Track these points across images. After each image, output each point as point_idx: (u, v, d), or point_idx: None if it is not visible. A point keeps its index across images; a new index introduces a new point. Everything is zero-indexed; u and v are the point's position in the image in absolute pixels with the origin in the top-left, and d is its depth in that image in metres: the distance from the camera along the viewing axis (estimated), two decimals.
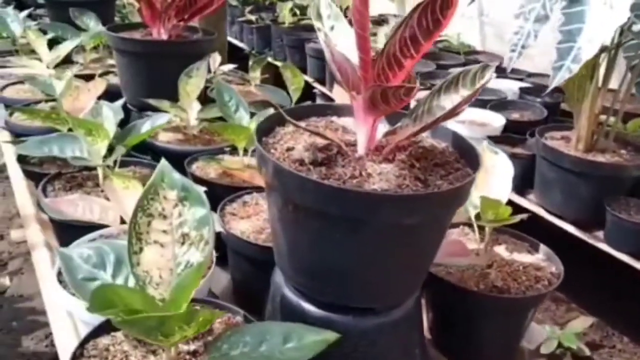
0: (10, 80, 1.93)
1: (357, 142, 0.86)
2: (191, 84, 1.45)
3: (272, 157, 0.80)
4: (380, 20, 3.36)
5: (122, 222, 0.95)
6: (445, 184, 0.79)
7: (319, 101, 2.95)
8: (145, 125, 1.18)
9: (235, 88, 1.95)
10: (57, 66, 1.79)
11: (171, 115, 1.20)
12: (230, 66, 2.09)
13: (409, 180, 0.77)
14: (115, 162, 1.13)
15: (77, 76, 1.87)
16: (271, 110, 1.37)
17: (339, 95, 1.40)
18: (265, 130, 0.90)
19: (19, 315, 1.68)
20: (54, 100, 1.59)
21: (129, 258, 0.72)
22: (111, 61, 2.21)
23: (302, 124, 0.94)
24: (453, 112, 0.81)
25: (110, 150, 1.14)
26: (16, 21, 2.17)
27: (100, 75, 1.90)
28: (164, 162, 0.77)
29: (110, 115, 1.16)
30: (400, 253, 0.79)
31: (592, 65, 1.62)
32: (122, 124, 1.24)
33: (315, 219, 0.77)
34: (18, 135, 1.50)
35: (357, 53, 0.82)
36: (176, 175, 0.78)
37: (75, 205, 0.89)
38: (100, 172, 1.11)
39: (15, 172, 1.46)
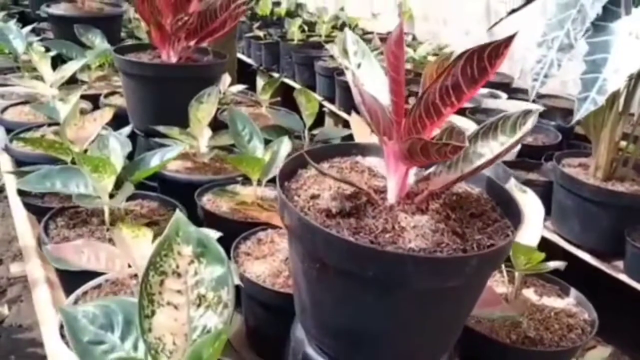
0: (12, 100, 1.87)
1: (386, 188, 0.80)
2: (202, 110, 1.39)
3: (296, 209, 0.74)
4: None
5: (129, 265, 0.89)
6: (485, 239, 0.73)
7: (327, 120, 2.89)
8: (155, 159, 1.11)
9: (246, 110, 1.91)
10: (61, 85, 1.73)
11: (182, 146, 1.14)
12: (240, 87, 2.03)
13: (446, 237, 0.71)
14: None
15: (82, 96, 1.81)
16: (286, 139, 1.31)
17: (357, 125, 1.34)
18: (287, 173, 0.83)
19: (17, 347, 1.61)
20: (57, 124, 1.53)
21: (140, 322, 0.65)
22: (117, 79, 2.16)
23: (326, 165, 0.88)
24: (492, 162, 0.75)
25: (117, 184, 1.08)
26: (19, 37, 2.11)
27: (106, 96, 1.85)
28: (179, 215, 0.71)
29: (118, 147, 1.10)
30: (437, 315, 0.73)
31: (612, 93, 1.57)
32: (130, 155, 1.18)
33: (344, 279, 0.71)
34: (19, 162, 1.43)
35: (389, 96, 0.76)
36: (192, 228, 0.72)
37: (80, 253, 0.83)
38: (106, 211, 1.05)
39: (14, 201, 1.40)
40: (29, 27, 2.46)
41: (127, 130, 1.33)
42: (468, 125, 2.19)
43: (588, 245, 1.72)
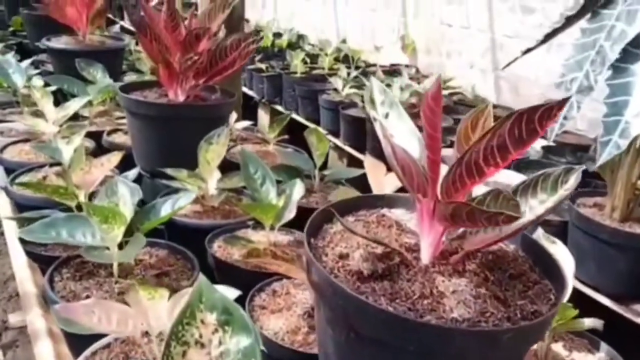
0: (11, 136, 1.83)
1: (419, 246, 0.75)
2: (212, 152, 1.34)
3: (326, 270, 0.69)
4: (392, 71, 3.30)
5: None
6: (528, 304, 0.68)
7: (332, 154, 2.85)
8: (166, 207, 1.06)
9: (252, 148, 1.87)
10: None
11: (194, 193, 1.09)
12: (246, 123, 1.99)
13: (489, 303, 0.66)
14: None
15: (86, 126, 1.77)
16: (298, 182, 1.26)
17: (371, 167, 1.30)
18: (313, 230, 0.79)
19: None
20: (59, 164, 1.48)
21: None
22: (118, 114, 2.12)
23: (352, 218, 0.84)
24: (533, 222, 0.70)
25: (126, 232, 1.02)
26: (18, 71, 2.07)
27: (109, 134, 1.80)
28: (203, 280, 0.66)
29: (127, 194, 1.05)
30: None
31: None
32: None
33: (378, 348, 0.65)
34: (20, 205, 1.38)
35: (424, 152, 0.72)
36: (216, 294, 0.66)
37: (91, 313, 0.77)
38: (115, 263, 0.99)
39: (13, 244, 1.35)
40: (28, 61, 2.43)
41: (134, 173, 1.28)
42: (516, 180, 2.15)
43: (605, 288, 1.67)
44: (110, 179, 1.23)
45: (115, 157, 1.17)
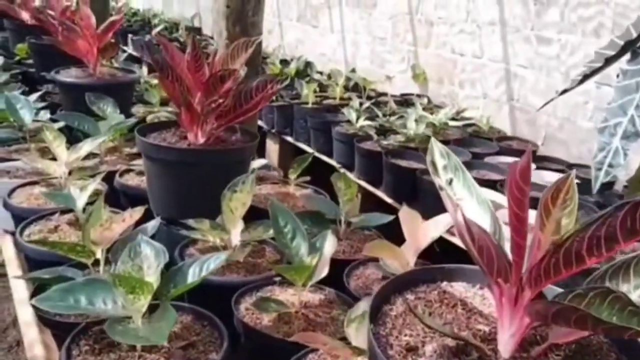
0: (18, 176, 1.74)
1: (493, 334, 0.66)
2: (236, 200, 1.26)
3: None
4: (404, 101, 3.24)
5: None
6: None
7: None
8: (193, 272, 0.97)
9: (272, 189, 1.79)
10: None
11: (225, 255, 1.00)
12: (262, 161, 1.91)
13: None
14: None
15: (95, 174, 1.69)
16: (329, 235, 1.18)
17: (407, 217, 1.22)
18: (373, 313, 0.70)
19: None
20: (71, 210, 1.40)
21: None
22: (129, 150, 2.04)
23: (411, 297, 0.75)
24: None
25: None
26: (26, 107, 1.99)
27: (122, 175, 1.72)
28: None
29: (152, 257, 0.96)
30: None
31: None
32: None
33: None
34: (31, 261, 1.29)
35: (498, 225, 0.64)
36: None
37: None
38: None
39: (18, 291, 1.25)
40: (36, 95, 2.35)
41: (153, 226, 1.19)
42: (502, 200, 2.08)
43: None
44: (130, 231, 1.16)
45: (137, 213, 1.09)
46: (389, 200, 2.41)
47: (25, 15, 3.38)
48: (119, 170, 1.73)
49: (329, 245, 1.16)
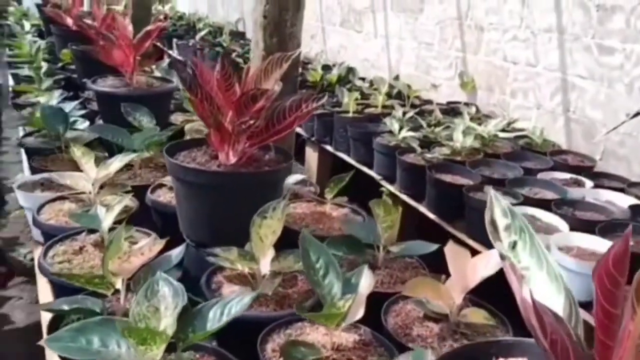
0: (52, 188, 1.69)
1: None
2: (266, 227, 1.17)
3: None
4: (450, 110, 3.10)
5: None
6: None
7: (386, 199, 2.64)
8: (214, 315, 0.88)
9: (307, 207, 1.69)
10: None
11: (250, 297, 0.91)
12: (299, 177, 1.82)
13: None
14: None
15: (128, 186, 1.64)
16: (366, 271, 1.07)
17: (453, 253, 1.10)
18: None
19: None
20: (97, 231, 1.34)
21: None
22: (164, 162, 1.98)
23: None
24: None
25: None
26: (62, 116, 1.97)
27: (153, 191, 1.66)
28: None
29: (170, 297, 0.88)
30: None
31: None
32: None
33: None
34: (55, 284, 1.23)
35: (573, 309, 0.52)
36: None
37: None
38: None
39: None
40: (74, 103, 2.34)
41: (178, 254, 1.12)
42: (557, 223, 1.93)
43: None
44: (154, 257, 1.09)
45: (157, 246, 1.01)
46: (432, 216, 2.28)
47: (69, 22, 3.41)
48: (152, 186, 1.67)
49: (366, 283, 1.06)
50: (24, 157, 2.23)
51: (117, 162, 1.52)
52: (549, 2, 2.70)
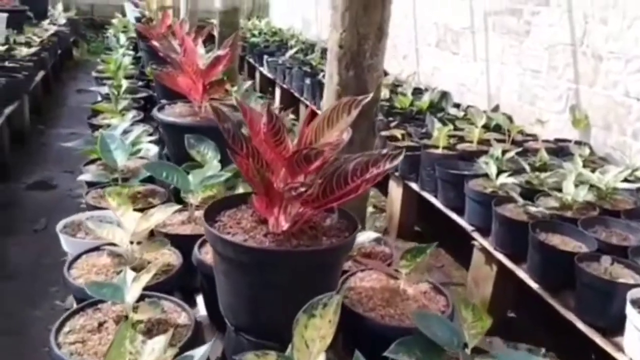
0: (86, 234, 1.51)
1: None
2: (312, 329, 0.90)
3: None
4: (558, 149, 2.68)
5: None
6: None
7: (476, 255, 2.28)
8: None
9: (377, 281, 1.40)
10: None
11: None
12: (371, 235, 1.54)
13: None
14: None
15: (175, 237, 1.44)
16: None
17: None
18: None
19: None
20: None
21: None
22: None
23: None
24: None
25: None
26: (121, 147, 1.81)
27: (202, 244, 1.44)
28: None
29: None
30: None
31: None
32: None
33: None
34: None
35: None
36: None
37: None
38: None
39: None
40: (142, 127, 2.21)
41: (202, 355, 0.88)
42: None
43: None
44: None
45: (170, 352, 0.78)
46: (533, 285, 1.91)
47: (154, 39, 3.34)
48: (200, 240, 1.45)
49: None
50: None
51: (159, 214, 1.32)
52: None
